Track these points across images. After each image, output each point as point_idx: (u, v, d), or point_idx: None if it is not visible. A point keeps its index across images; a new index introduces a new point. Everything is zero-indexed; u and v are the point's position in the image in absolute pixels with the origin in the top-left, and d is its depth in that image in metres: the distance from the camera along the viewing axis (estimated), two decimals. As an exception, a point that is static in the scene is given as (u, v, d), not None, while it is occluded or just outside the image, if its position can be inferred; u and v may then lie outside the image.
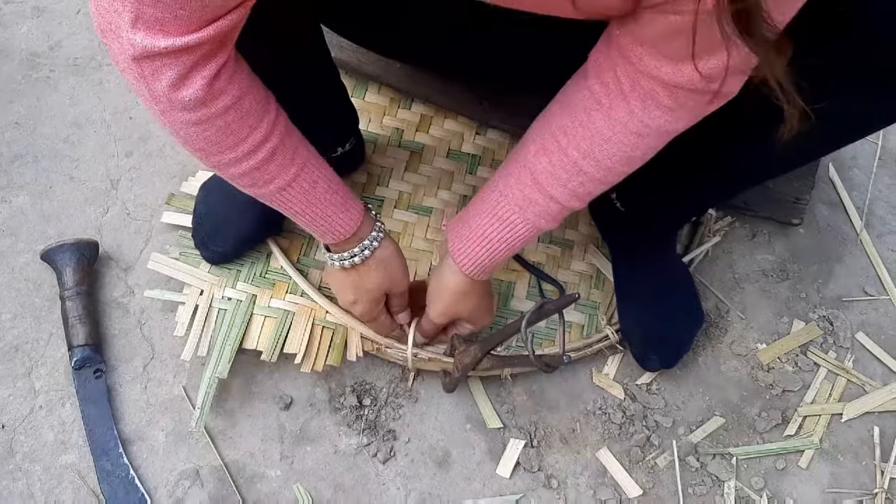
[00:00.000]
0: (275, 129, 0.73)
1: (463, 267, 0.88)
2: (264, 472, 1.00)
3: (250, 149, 0.72)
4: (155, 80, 0.63)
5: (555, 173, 0.76)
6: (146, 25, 0.59)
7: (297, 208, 0.80)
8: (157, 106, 0.66)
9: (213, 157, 0.72)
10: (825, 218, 1.23)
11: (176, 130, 0.69)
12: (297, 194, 0.78)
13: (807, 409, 1.09)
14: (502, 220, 0.82)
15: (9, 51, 1.25)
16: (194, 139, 0.69)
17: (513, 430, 1.05)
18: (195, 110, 0.66)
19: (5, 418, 1.01)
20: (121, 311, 1.07)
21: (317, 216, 0.81)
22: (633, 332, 1.08)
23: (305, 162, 0.78)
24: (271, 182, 0.76)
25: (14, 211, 1.13)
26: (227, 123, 0.69)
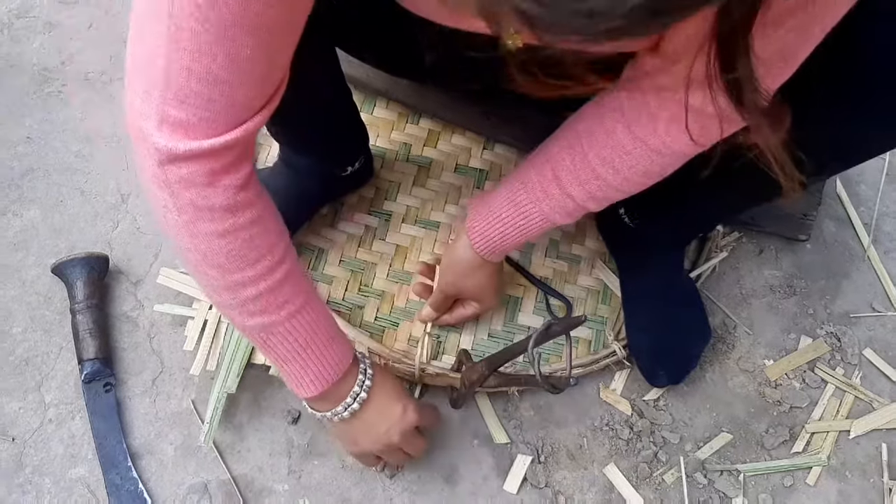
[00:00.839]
0: (290, 252, 0.73)
1: (475, 244, 0.91)
2: (272, 486, 1.01)
3: (269, 267, 0.70)
4: (181, 187, 0.62)
5: (574, 172, 0.78)
6: (171, 128, 0.58)
7: (300, 340, 0.75)
8: (181, 217, 0.64)
9: (232, 276, 0.69)
10: (832, 234, 1.23)
11: (196, 245, 0.66)
12: (306, 323, 0.75)
13: (814, 425, 1.09)
14: (518, 207, 0.84)
15: (21, 65, 1.26)
16: (216, 253, 0.67)
17: (520, 446, 1.05)
18: (222, 220, 0.65)
19: (15, 431, 1.01)
20: (130, 325, 1.08)
21: (318, 350, 0.77)
22: (641, 348, 1.08)
23: (311, 292, 0.76)
24: (283, 307, 0.72)
25: (25, 225, 1.14)
26: (252, 237, 0.67)
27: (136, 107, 0.59)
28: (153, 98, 0.57)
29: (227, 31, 0.53)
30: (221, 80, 0.56)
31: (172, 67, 0.55)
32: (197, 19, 0.52)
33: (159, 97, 0.57)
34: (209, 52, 0.54)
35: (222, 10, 0.52)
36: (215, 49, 0.54)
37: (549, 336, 0.89)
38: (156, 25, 0.54)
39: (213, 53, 0.54)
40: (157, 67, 0.55)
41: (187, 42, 0.53)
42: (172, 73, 0.55)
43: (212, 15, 0.52)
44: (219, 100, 0.57)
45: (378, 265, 1.13)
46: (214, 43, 0.54)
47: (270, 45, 0.56)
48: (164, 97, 0.57)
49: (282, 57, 0.60)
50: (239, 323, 0.74)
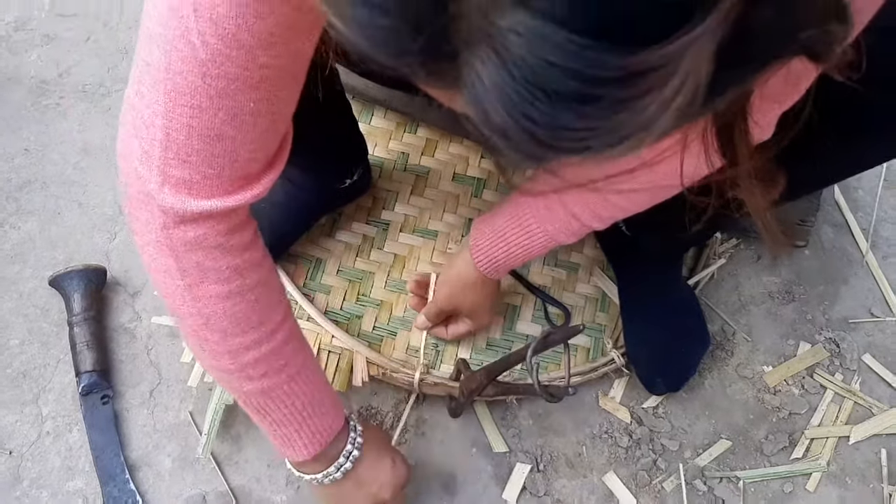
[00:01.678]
0: (289, 312, 0.71)
1: (478, 261, 0.91)
2: (270, 497, 1.00)
3: (272, 329, 0.68)
4: (187, 249, 0.60)
5: (579, 193, 0.77)
6: (175, 189, 0.56)
7: (297, 403, 0.73)
8: (184, 280, 0.62)
9: (234, 340, 0.66)
10: (831, 240, 1.23)
11: (200, 309, 0.64)
12: (304, 386, 0.73)
13: (814, 431, 1.08)
14: (523, 227, 0.85)
15: (18, 78, 1.26)
16: (219, 317, 0.64)
17: (519, 454, 1.05)
18: (229, 281, 0.63)
19: (13, 444, 1.01)
20: (128, 337, 1.08)
21: (314, 412, 0.74)
22: (639, 356, 1.07)
23: (308, 353, 0.75)
24: (282, 370, 0.70)
25: (23, 237, 1.14)
26: (258, 298, 0.66)
27: (136, 171, 0.57)
28: (153, 158, 0.55)
29: (230, 86, 0.51)
30: (224, 136, 0.54)
31: (172, 125, 0.53)
32: (197, 74, 0.50)
33: (160, 157, 0.55)
34: (210, 107, 0.52)
35: (226, 64, 0.50)
36: (217, 104, 0.52)
37: (548, 345, 0.89)
38: (153, 83, 0.52)
39: (215, 109, 0.52)
40: (157, 127, 0.53)
41: (187, 98, 0.52)
42: (172, 132, 0.53)
43: (213, 70, 0.50)
44: (221, 156, 0.55)
45: (376, 274, 1.13)
46: (216, 97, 0.52)
47: (274, 97, 0.55)
48: (165, 157, 0.55)
49: (285, 108, 0.58)
50: (236, 388, 0.71)
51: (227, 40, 0.49)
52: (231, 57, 0.50)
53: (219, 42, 0.49)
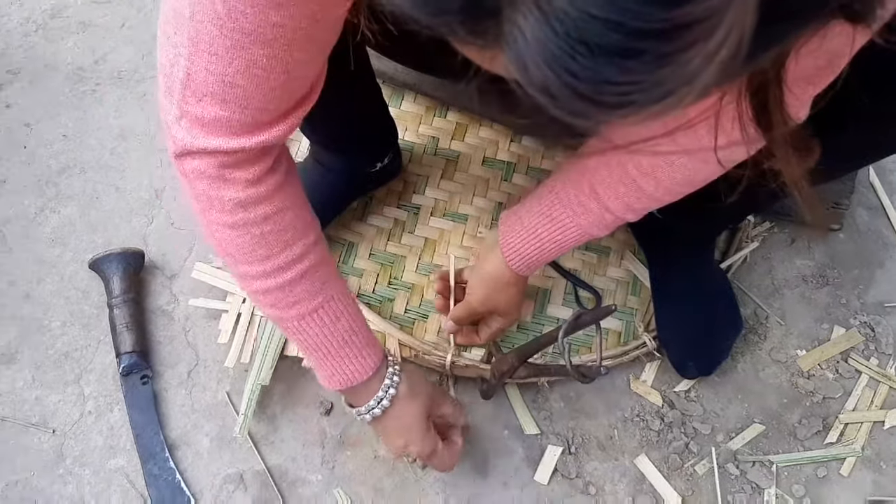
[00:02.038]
0: (310, 253, 0.72)
1: (510, 260, 0.90)
2: (306, 476, 1.02)
3: (279, 266, 0.70)
4: (194, 176, 0.64)
5: (613, 186, 0.77)
6: (189, 123, 0.61)
7: (312, 341, 0.76)
8: (198, 204, 0.67)
9: (241, 267, 0.71)
10: (866, 223, 1.22)
11: (211, 232, 0.69)
12: (316, 326, 0.75)
13: (848, 416, 1.08)
14: (555, 222, 0.83)
15: (55, 65, 1.29)
16: (226, 244, 0.69)
17: (550, 437, 1.06)
18: (233, 213, 0.66)
19: (56, 423, 1.04)
20: (166, 319, 1.10)
21: (330, 354, 0.77)
22: (671, 339, 1.07)
23: (334, 294, 0.75)
24: (293, 307, 0.73)
25: (63, 221, 1.16)
26: (263, 234, 0.68)
27: (161, 102, 0.62)
28: (174, 94, 0.60)
29: (244, 40, 0.55)
30: (236, 85, 0.58)
31: (193, 68, 0.57)
32: (216, 25, 0.54)
33: (179, 94, 0.59)
34: (226, 56, 0.56)
35: (240, 19, 0.53)
36: (231, 55, 0.56)
37: (579, 326, 0.89)
38: (179, 28, 0.56)
39: (230, 59, 0.56)
40: (180, 67, 0.58)
41: (206, 45, 0.55)
42: (192, 73, 0.57)
43: (229, 23, 0.54)
44: (233, 101, 0.59)
45: (407, 258, 1.14)
46: (231, 49, 0.55)
47: (289, 56, 0.57)
48: (184, 94, 0.59)
49: (302, 70, 0.61)
50: (257, 306, 0.76)
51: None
52: (245, 13, 0.53)
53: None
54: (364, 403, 0.82)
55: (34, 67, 1.28)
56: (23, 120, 1.23)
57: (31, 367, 1.07)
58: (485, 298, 0.96)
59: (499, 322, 1.01)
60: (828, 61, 0.56)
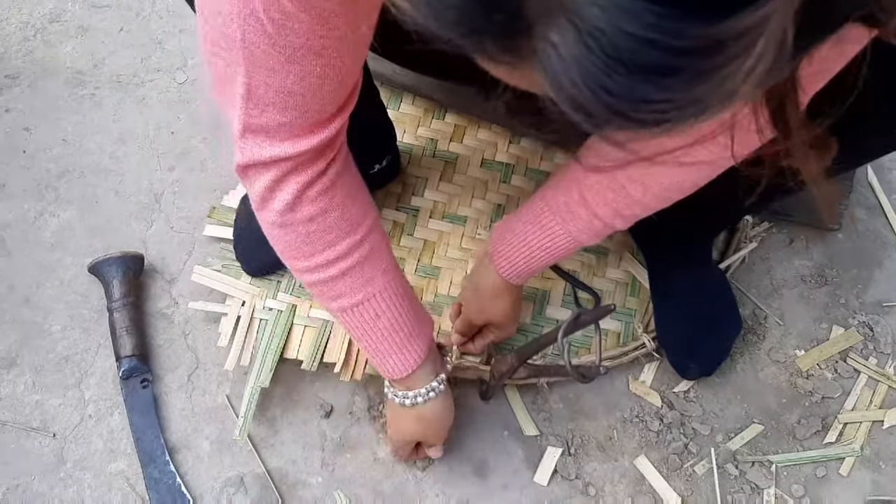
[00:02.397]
0: (354, 251, 0.75)
1: (501, 269, 0.90)
2: (306, 479, 1.03)
3: (322, 263, 0.74)
4: (256, 180, 0.68)
5: (601, 192, 0.77)
6: (253, 134, 0.64)
7: (354, 333, 0.81)
8: (254, 204, 0.71)
9: (289, 261, 0.76)
10: (864, 222, 1.22)
11: (265, 229, 0.74)
12: (357, 321, 0.79)
13: (847, 415, 1.08)
14: (544, 229, 0.83)
15: (54, 69, 1.29)
16: (276, 240, 0.74)
17: (550, 438, 1.06)
18: (281, 214, 0.70)
19: (56, 427, 1.04)
20: (166, 322, 1.10)
21: (370, 348, 0.82)
22: (670, 340, 1.08)
23: (378, 292, 0.78)
24: (335, 300, 0.77)
25: (62, 225, 1.16)
26: (308, 233, 0.72)
27: (225, 116, 0.66)
28: (236, 108, 0.63)
29: (297, 54, 0.58)
30: (295, 93, 0.61)
31: (252, 83, 0.60)
32: (268, 44, 0.57)
33: (241, 108, 0.62)
34: (282, 70, 0.59)
35: (290, 36, 0.56)
36: (287, 68, 0.59)
37: (579, 326, 0.89)
38: (231, 49, 0.59)
39: (287, 71, 0.59)
40: (238, 83, 0.61)
41: (262, 62, 0.58)
42: (252, 88, 0.61)
43: (280, 40, 0.57)
44: (293, 108, 0.62)
45: (407, 260, 1.14)
46: (286, 63, 0.58)
47: (339, 63, 0.60)
48: (246, 108, 0.62)
49: (351, 69, 0.64)
50: None
51: (288, 15, 0.55)
52: (294, 29, 0.56)
53: (281, 17, 0.55)
54: (397, 388, 0.86)
55: (33, 72, 1.28)
56: (22, 124, 1.24)
57: (31, 372, 1.07)
58: (479, 310, 0.97)
59: (494, 334, 1.01)
60: (840, 50, 0.56)
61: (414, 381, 0.84)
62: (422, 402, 0.85)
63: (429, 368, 0.85)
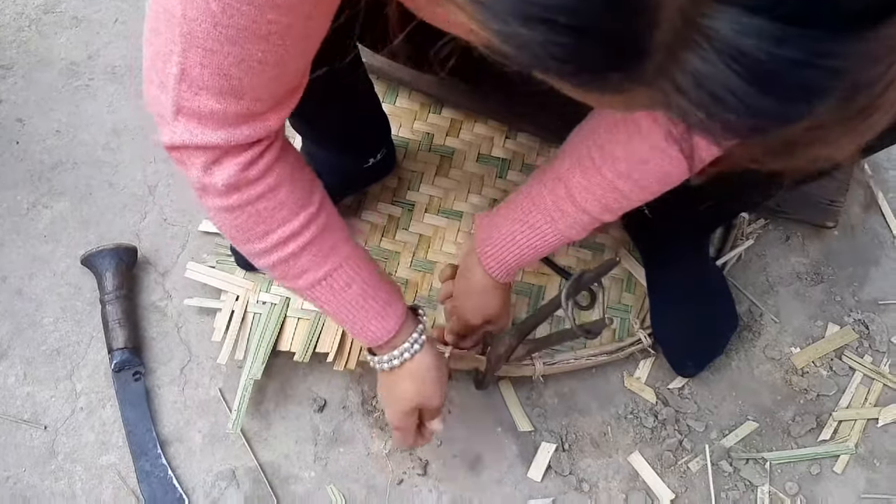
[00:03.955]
0: (311, 224, 0.72)
1: (491, 269, 0.89)
2: (298, 473, 1.02)
3: (279, 241, 0.71)
4: (190, 166, 0.65)
5: (589, 188, 0.76)
6: (186, 118, 0.61)
7: (327, 308, 0.77)
8: (195, 190, 0.68)
9: (243, 246, 0.72)
10: (860, 220, 1.21)
11: (211, 215, 0.70)
12: (328, 293, 0.76)
13: (842, 413, 1.08)
14: (533, 228, 0.82)
15: (49, 60, 1.28)
16: (226, 225, 0.70)
17: (544, 434, 1.05)
18: (226, 196, 0.67)
19: (47, 419, 1.04)
20: (159, 315, 1.10)
21: (346, 319, 0.78)
22: (666, 337, 1.07)
23: (343, 261, 0.75)
24: (299, 277, 0.74)
25: (55, 217, 1.16)
26: (258, 211, 0.69)
27: (154, 97, 0.62)
28: (169, 90, 0.60)
29: (239, 35, 0.55)
30: (232, 77, 0.58)
31: (187, 63, 0.57)
32: (210, 22, 0.54)
33: (174, 89, 0.59)
34: (221, 51, 0.56)
35: (235, 16, 0.54)
36: (227, 49, 0.56)
37: (582, 286, 0.87)
38: (170, 25, 0.56)
39: (225, 53, 0.56)
40: (173, 63, 0.58)
41: (200, 41, 0.56)
42: (187, 68, 0.58)
43: (224, 20, 0.54)
44: (228, 94, 0.59)
45: (402, 254, 1.13)
46: (226, 44, 0.56)
47: (283, 50, 0.58)
48: (179, 90, 0.59)
49: (295, 62, 0.61)
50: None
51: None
52: (241, 10, 0.53)
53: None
54: (380, 353, 0.83)
55: (27, 62, 1.27)
56: (15, 115, 1.23)
57: (22, 363, 1.06)
58: (475, 310, 0.95)
59: (490, 327, 1.00)
60: None
61: (398, 339, 0.81)
62: (409, 356, 0.82)
63: (410, 325, 0.82)
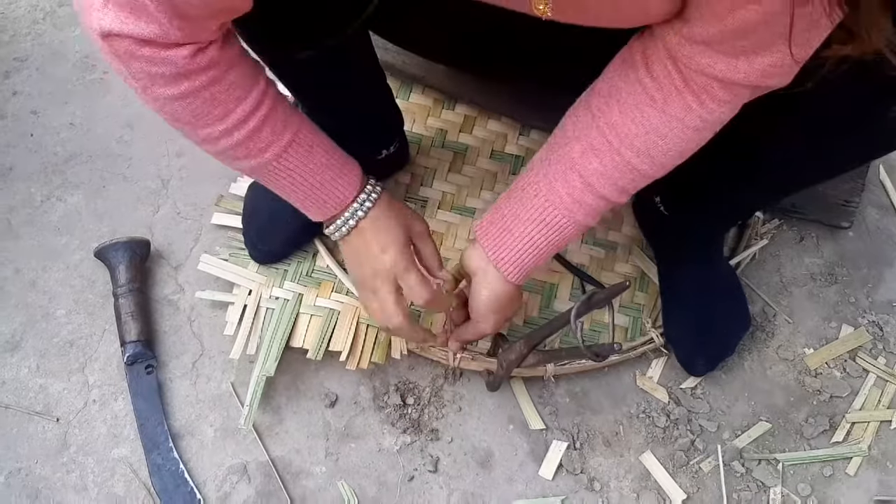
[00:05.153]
0: (265, 98, 0.71)
1: (508, 274, 0.84)
2: (310, 468, 1.02)
3: (240, 119, 0.70)
4: (128, 56, 0.62)
5: (606, 173, 0.74)
6: (117, 7, 0.59)
7: (295, 177, 0.77)
8: (138, 83, 0.65)
9: (203, 131, 0.70)
10: (875, 221, 1.21)
11: (160, 107, 0.67)
12: (295, 159, 0.75)
13: (855, 415, 1.07)
14: (550, 226, 0.80)
15: (63, 53, 1.28)
16: (180, 113, 0.67)
17: (555, 432, 1.05)
18: (177, 84, 0.64)
19: (60, 411, 1.04)
20: (171, 309, 1.10)
21: (316, 183, 0.78)
22: (678, 336, 1.07)
23: (299, 127, 0.75)
24: (266, 150, 0.73)
25: (69, 209, 1.16)
26: (213, 95, 0.67)
27: None
28: None
29: None
30: None
31: None
32: None
33: None
34: None
35: None
36: None
37: (592, 306, 0.87)
38: None
39: None
40: None
41: None
42: None
43: None
44: None
45: (414, 251, 1.13)
46: None
47: None
48: None
49: None
50: (232, 167, 0.75)
51: None
52: None
53: None
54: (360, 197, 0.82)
55: (42, 55, 1.28)
56: (30, 107, 1.23)
57: (35, 355, 1.07)
58: (498, 321, 0.91)
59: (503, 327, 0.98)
60: None
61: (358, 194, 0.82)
62: (374, 201, 0.82)
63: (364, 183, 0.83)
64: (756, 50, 0.59)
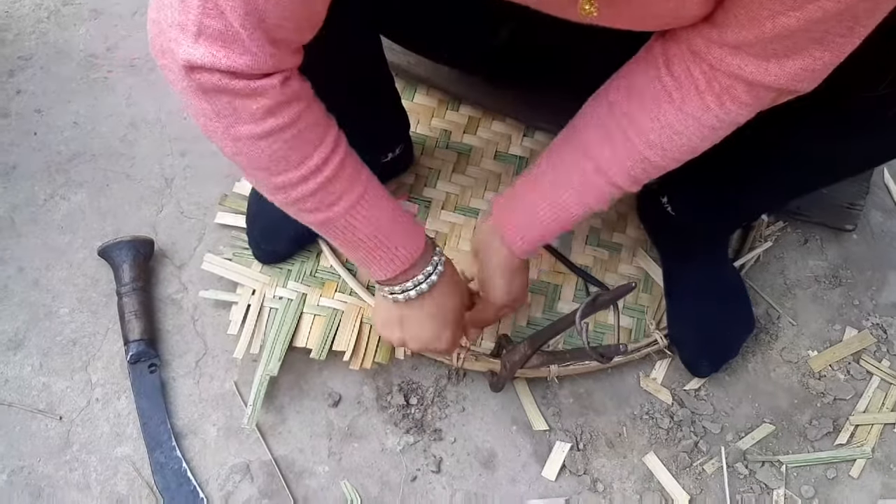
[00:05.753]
0: (340, 143, 0.70)
1: (513, 244, 0.86)
2: (313, 467, 1.02)
3: (318, 164, 0.68)
4: (217, 91, 0.61)
5: (619, 161, 0.75)
6: (209, 40, 0.58)
7: (363, 232, 0.74)
8: (221, 122, 0.64)
9: (280, 177, 0.68)
10: (879, 224, 1.21)
11: (240, 148, 0.66)
12: (366, 212, 0.73)
13: (859, 417, 1.07)
14: (564, 209, 0.81)
15: (67, 52, 1.28)
16: (259, 156, 0.66)
17: (559, 433, 1.05)
18: (263, 121, 0.63)
19: (63, 410, 1.04)
20: (175, 308, 1.10)
21: (383, 240, 0.75)
22: (682, 337, 1.07)
23: (369, 179, 0.74)
24: (338, 202, 0.71)
25: (73, 208, 1.16)
26: (294, 136, 0.66)
27: (170, 19, 0.59)
28: (191, 10, 0.57)
29: None
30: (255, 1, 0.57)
31: None
32: None
33: (198, 7, 0.57)
34: None
35: None
36: None
37: (597, 307, 0.87)
38: None
39: None
40: None
41: None
42: None
43: None
44: (252, 14, 0.57)
45: (418, 251, 1.13)
46: None
47: None
48: (204, 8, 0.57)
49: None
50: (299, 218, 0.74)
51: None
52: None
53: None
54: (398, 283, 0.80)
55: (46, 54, 1.28)
56: (34, 106, 1.23)
57: (38, 354, 1.07)
58: (507, 290, 0.92)
59: (508, 311, 0.97)
60: None
61: (416, 269, 0.79)
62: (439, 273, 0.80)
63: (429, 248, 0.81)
64: (788, 53, 0.59)
